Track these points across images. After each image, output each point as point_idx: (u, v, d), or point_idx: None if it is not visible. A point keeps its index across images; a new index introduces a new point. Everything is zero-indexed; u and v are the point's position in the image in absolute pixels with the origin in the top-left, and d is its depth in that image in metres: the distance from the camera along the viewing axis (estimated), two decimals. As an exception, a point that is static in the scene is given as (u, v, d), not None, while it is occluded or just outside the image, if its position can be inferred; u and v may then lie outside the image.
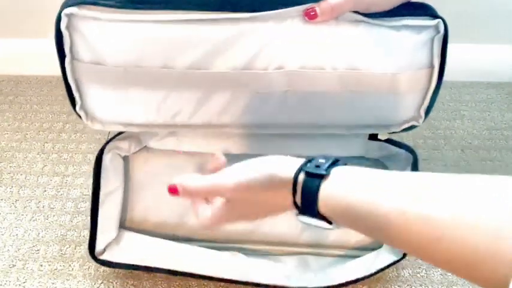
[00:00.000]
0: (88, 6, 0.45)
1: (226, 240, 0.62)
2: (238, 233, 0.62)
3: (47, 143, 0.82)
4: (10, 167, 0.78)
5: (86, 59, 0.49)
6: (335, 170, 0.36)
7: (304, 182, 0.36)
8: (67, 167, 0.78)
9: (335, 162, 0.37)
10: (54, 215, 0.70)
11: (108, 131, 0.64)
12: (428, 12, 0.48)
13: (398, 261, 0.58)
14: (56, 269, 0.63)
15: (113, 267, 0.60)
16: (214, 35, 0.47)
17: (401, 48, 0.48)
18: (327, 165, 0.36)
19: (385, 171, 0.35)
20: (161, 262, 0.58)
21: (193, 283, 0.61)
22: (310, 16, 0.45)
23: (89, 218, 0.68)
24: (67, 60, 0.49)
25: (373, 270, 0.58)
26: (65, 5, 0.45)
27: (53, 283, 0.61)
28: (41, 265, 0.63)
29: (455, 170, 0.76)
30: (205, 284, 0.61)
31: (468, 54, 0.92)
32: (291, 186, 0.37)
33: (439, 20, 0.47)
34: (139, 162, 0.64)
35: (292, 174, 0.37)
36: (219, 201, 0.42)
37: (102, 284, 0.61)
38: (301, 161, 0.38)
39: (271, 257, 0.61)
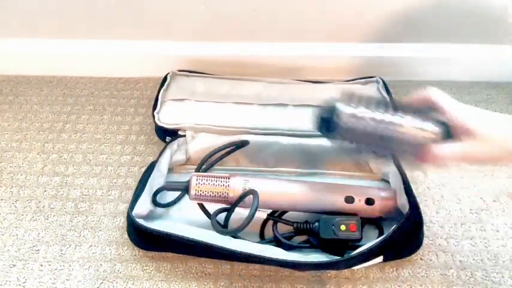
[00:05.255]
0: None
1: None
2: None
3: (47, 143, 0.82)
4: (10, 167, 0.78)
5: None
6: None
7: None
8: (67, 167, 0.78)
9: None
10: (54, 215, 0.70)
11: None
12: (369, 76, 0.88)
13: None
14: (56, 269, 0.63)
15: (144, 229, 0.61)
16: None
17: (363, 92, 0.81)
18: None
19: None
20: (189, 233, 0.61)
21: (193, 283, 0.61)
22: None
23: (89, 217, 0.69)
24: None
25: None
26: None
27: (53, 283, 0.61)
28: (41, 265, 0.63)
29: (456, 170, 0.76)
30: (206, 283, 0.61)
31: (468, 54, 0.92)
32: None
33: (376, 77, 0.87)
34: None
35: None
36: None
37: (102, 284, 0.61)
38: None
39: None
